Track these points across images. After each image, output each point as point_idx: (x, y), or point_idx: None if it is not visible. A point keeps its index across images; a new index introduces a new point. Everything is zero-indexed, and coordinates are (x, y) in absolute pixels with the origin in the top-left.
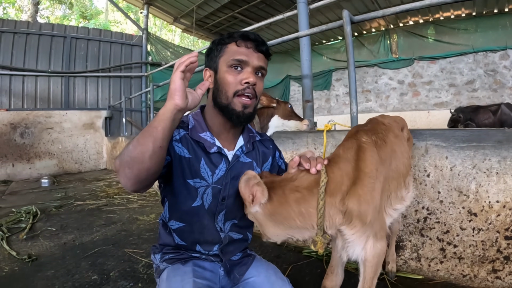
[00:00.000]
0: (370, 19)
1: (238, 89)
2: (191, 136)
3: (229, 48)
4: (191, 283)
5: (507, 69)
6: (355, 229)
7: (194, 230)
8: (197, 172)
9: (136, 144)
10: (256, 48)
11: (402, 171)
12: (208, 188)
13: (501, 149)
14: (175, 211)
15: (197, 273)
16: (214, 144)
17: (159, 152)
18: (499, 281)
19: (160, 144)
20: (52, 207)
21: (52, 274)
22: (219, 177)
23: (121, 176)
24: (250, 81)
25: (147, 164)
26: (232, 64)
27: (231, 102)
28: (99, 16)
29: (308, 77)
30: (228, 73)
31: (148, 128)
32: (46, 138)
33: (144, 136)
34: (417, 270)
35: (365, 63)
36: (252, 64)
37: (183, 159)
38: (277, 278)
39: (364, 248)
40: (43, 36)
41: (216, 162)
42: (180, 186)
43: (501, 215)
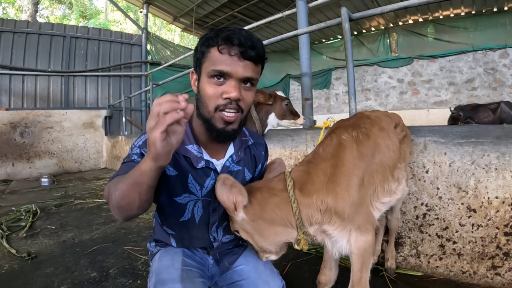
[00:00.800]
0: (368, 17)
1: (219, 103)
2: (177, 151)
3: (211, 54)
4: (180, 261)
5: (506, 68)
6: (336, 225)
7: (184, 239)
8: (185, 188)
9: (122, 195)
10: (242, 55)
11: (387, 164)
12: (198, 201)
13: (500, 145)
14: (165, 220)
15: (187, 254)
16: (201, 158)
17: (146, 203)
18: (498, 278)
19: (146, 198)
20: (52, 205)
21: (51, 272)
22: (208, 190)
23: (112, 210)
24: (232, 97)
25: (135, 212)
26: (213, 75)
27: (212, 117)
28: (98, 16)
29: (307, 75)
30: (208, 84)
31: (131, 181)
32: (46, 137)
33: (129, 190)
34: (416, 266)
35: (364, 61)
36: (236, 76)
37: (169, 178)
38: (265, 269)
39: (349, 242)
40: (42, 35)
41: (204, 176)
42: (167, 203)
43: (500, 211)
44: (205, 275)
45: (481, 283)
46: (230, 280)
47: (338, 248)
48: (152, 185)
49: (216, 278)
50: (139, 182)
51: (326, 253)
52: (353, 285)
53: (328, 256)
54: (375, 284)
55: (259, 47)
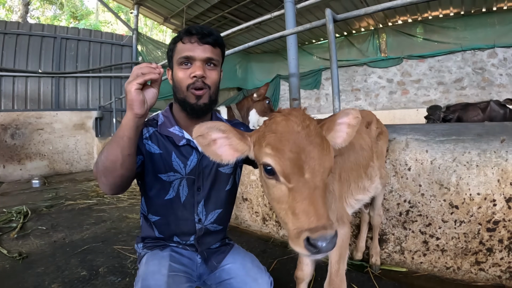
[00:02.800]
0: (352, 17)
1: (189, 83)
2: (160, 132)
3: (178, 47)
4: (167, 266)
5: (495, 67)
6: None
7: (170, 222)
8: (170, 166)
9: (107, 154)
10: (200, 40)
11: (361, 163)
12: (183, 179)
13: (480, 142)
14: (151, 205)
15: (174, 258)
16: (182, 137)
17: (128, 159)
18: (482, 273)
19: (128, 152)
20: (43, 207)
21: (42, 271)
22: (192, 168)
23: (99, 183)
24: (197, 75)
25: (119, 172)
26: (181, 62)
27: (185, 96)
28: (89, 17)
29: (295, 76)
30: (179, 70)
31: (115, 138)
32: (37, 139)
33: (113, 147)
34: (401, 262)
35: (354, 62)
36: (198, 58)
37: (154, 155)
38: (253, 266)
39: None
40: (33, 36)
41: (186, 154)
42: (152, 181)
43: (482, 207)
44: (192, 279)
45: (465, 278)
46: (219, 279)
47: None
48: (132, 137)
49: (204, 277)
50: (121, 136)
51: None
52: (331, 277)
53: None
54: (359, 280)
55: (215, 33)
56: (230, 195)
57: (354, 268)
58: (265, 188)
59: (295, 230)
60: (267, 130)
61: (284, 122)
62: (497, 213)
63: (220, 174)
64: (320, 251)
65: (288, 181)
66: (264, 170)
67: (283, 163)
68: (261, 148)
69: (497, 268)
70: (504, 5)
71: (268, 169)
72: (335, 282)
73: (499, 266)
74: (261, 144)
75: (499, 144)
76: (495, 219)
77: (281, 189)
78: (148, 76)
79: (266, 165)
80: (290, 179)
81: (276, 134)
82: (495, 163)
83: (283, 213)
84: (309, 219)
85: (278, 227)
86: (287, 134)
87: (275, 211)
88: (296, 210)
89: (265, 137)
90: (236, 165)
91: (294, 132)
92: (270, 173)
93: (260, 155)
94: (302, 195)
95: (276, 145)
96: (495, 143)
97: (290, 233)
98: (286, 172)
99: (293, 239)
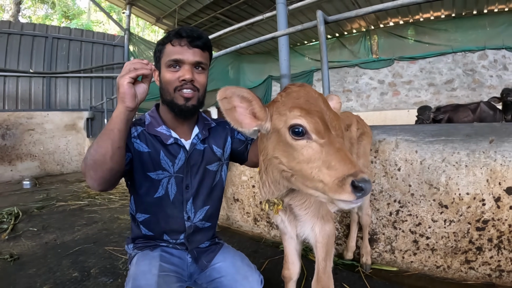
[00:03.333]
0: (343, 19)
1: (177, 85)
2: (148, 132)
3: (166, 49)
4: (157, 266)
5: (485, 69)
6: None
7: (160, 220)
8: (159, 164)
9: (97, 147)
10: (190, 44)
11: None
12: (171, 178)
13: (469, 143)
14: (140, 203)
15: (164, 258)
16: (170, 136)
17: (118, 152)
18: (472, 272)
19: (118, 145)
20: (34, 208)
21: (34, 272)
22: (180, 166)
23: (87, 178)
24: (186, 79)
25: (109, 165)
26: (170, 65)
27: (173, 97)
28: (81, 16)
29: (287, 77)
30: (167, 73)
31: (105, 131)
32: (28, 139)
33: (103, 140)
34: (391, 262)
35: (346, 63)
36: (187, 61)
37: (143, 154)
38: (243, 264)
39: (313, 230)
40: (24, 36)
41: (174, 153)
42: (142, 180)
43: (471, 207)
44: (183, 279)
45: (455, 277)
46: (209, 277)
47: (302, 232)
48: (122, 129)
49: (195, 276)
50: (111, 129)
51: (286, 248)
52: (318, 275)
53: (288, 250)
54: (350, 280)
55: (204, 37)
56: (218, 191)
57: (345, 268)
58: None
59: (336, 180)
60: (288, 98)
61: (302, 90)
62: (486, 212)
63: (208, 171)
64: (365, 193)
65: (321, 137)
66: (292, 132)
67: (315, 120)
68: (285, 113)
69: (487, 266)
70: (494, 7)
71: (297, 131)
72: (323, 280)
73: (489, 265)
74: (284, 110)
75: (488, 144)
76: (484, 218)
77: (312, 147)
78: (140, 71)
79: (296, 126)
80: (323, 135)
81: (299, 99)
82: (484, 163)
83: (315, 171)
84: (347, 166)
85: (270, 227)
86: (310, 98)
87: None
88: (332, 162)
89: (287, 104)
90: (222, 162)
91: (314, 97)
92: (299, 134)
93: (286, 119)
94: (335, 147)
95: (304, 107)
96: (484, 143)
97: (331, 186)
98: (318, 129)
99: (336, 189)
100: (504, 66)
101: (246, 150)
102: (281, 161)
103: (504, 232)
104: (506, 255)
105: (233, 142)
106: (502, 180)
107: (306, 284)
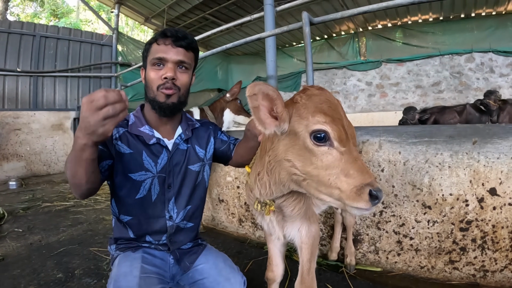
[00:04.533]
0: (329, 21)
1: (159, 83)
2: (131, 132)
3: (152, 48)
4: (139, 268)
5: (472, 71)
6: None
7: (141, 221)
8: (141, 165)
9: (72, 174)
10: (174, 43)
11: None
12: (154, 178)
13: (452, 144)
14: (122, 205)
15: (146, 260)
16: (153, 136)
17: (93, 176)
18: (457, 272)
19: (92, 170)
20: (19, 209)
21: (18, 273)
22: (162, 166)
23: (71, 189)
24: (168, 76)
25: (85, 187)
26: (154, 63)
27: (156, 95)
28: (70, 15)
29: (273, 78)
30: (151, 71)
31: (76, 160)
32: (14, 139)
33: (76, 168)
34: (375, 262)
35: (334, 65)
36: (171, 60)
37: (124, 155)
38: (225, 266)
39: (299, 231)
40: (12, 34)
41: (157, 153)
42: (122, 181)
43: (455, 208)
44: (165, 280)
45: (439, 277)
46: (192, 279)
47: (289, 233)
48: (94, 157)
49: (177, 278)
50: (84, 159)
51: (271, 250)
52: (302, 276)
53: (273, 252)
54: (334, 280)
55: (189, 37)
56: (200, 192)
57: (329, 268)
58: (303, 158)
59: (354, 189)
60: (309, 101)
61: (324, 95)
62: (470, 213)
63: (190, 171)
64: (379, 201)
65: (343, 145)
66: (314, 138)
67: (339, 128)
68: (307, 117)
69: (471, 266)
70: (482, 11)
71: (319, 136)
72: (307, 280)
73: (473, 265)
74: (305, 114)
75: (471, 145)
76: (468, 219)
77: (332, 154)
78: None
79: (319, 132)
80: (344, 143)
81: (322, 104)
82: (467, 164)
83: (333, 178)
84: (364, 175)
85: (254, 228)
86: (331, 104)
87: (319, 179)
88: (350, 171)
89: (309, 107)
90: (205, 163)
91: (335, 104)
92: (321, 140)
93: (308, 124)
94: (353, 156)
95: (328, 113)
96: (467, 144)
97: (349, 193)
98: (341, 137)
99: (354, 197)
100: (491, 69)
101: (229, 150)
102: (294, 165)
103: (487, 233)
104: (490, 255)
105: (216, 142)
106: (485, 181)
107: (290, 285)
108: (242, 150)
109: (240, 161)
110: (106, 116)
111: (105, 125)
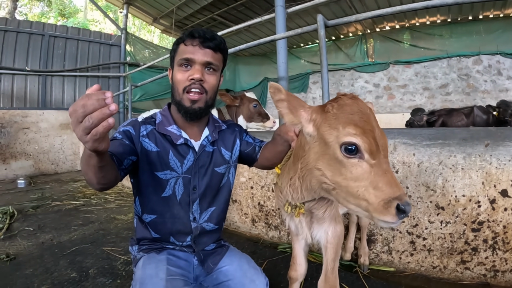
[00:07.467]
0: (343, 24)
1: (185, 85)
2: (158, 130)
3: (180, 48)
4: (164, 270)
5: (480, 74)
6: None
7: (166, 221)
8: (167, 164)
9: (84, 173)
10: (202, 44)
11: None
12: (179, 178)
13: (466, 146)
14: (146, 203)
15: (171, 261)
16: (180, 136)
17: (103, 179)
18: (468, 272)
19: (101, 175)
20: (29, 207)
21: (30, 273)
22: (188, 167)
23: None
24: (195, 78)
25: (98, 186)
26: (181, 63)
27: (182, 99)
28: (77, 15)
29: (284, 79)
30: (178, 72)
31: (85, 161)
32: (22, 138)
33: (86, 169)
34: (388, 262)
35: (342, 66)
36: (198, 61)
37: (151, 153)
38: (249, 267)
39: (326, 231)
40: (21, 33)
41: (183, 153)
42: (148, 179)
43: (467, 209)
44: (189, 282)
45: (451, 277)
46: (216, 280)
47: (316, 233)
48: (101, 165)
49: (201, 279)
50: (92, 165)
51: (295, 249)
52: (327, 275)
53: (297, 252)
54: (349, 280)
55: (217, 38)
56: (225, 193)
57: (343, 268)
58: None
59: (382, 202)
60: (340, 111)
61: (356, 105)
62: (482, 214)
63: (216, 173)
64: (406, 216)
65: (373, 158)
66: (344, 150)
67: (370, 141)
68: (337, 128)
69: (482, 267)
70: (490, 13)
71: (350, 148)
72: (331, 279)
73: (484, 265)
74: (336, 124)
75: (484, 148)
76: (479, 220)
77: (362, 167)
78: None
79: (349, 144)
80: (375, 155)
81: (354, 115)
82: (480, 166)
83: (361, 190)
84: (393, 189)
85: (267, 228)
86: (363, 115)
87: (348, 190)
88: (379, 183)
89: (340, 118)
90: (230, 165)
91: (367, 114)
92: (352, 152)
93: (338, 135)
94: (383, 168)
95: (359, 125)
96: (479, 147)
97: (376, 206)
98: (372, 149)
99: (381, 211)
100: (498, 71)
101: (255, 152)
102: (324, 174)
103: (498, 233)
104: (500, 255)
105: (241, 144)
106: (497, 182)
107: (305, 284)
108: (270, 154)
109: (266, 164)
110: (86, 129)
111: (89, 141)
